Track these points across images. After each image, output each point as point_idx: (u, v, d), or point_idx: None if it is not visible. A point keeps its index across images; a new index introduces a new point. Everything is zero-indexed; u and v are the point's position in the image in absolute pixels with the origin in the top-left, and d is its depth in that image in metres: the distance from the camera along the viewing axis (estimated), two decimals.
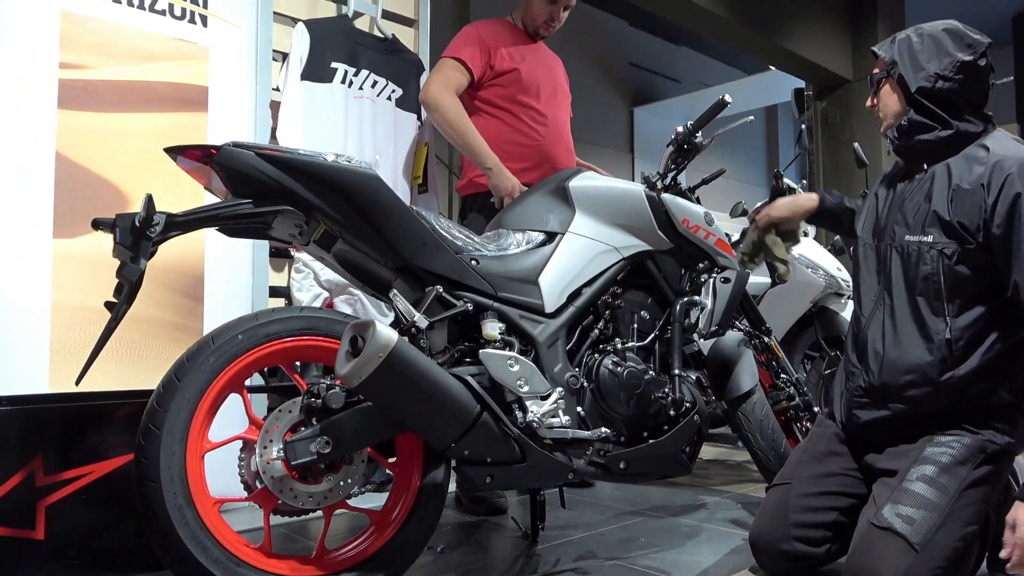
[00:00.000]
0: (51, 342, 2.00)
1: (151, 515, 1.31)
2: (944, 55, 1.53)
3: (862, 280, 1.69)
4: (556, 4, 2.57)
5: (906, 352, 1.53)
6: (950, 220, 1.49)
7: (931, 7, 9.21)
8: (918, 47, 1.56)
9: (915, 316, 1.53)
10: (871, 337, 1.61)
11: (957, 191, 1.49)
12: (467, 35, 2.52)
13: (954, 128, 1.53)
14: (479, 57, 2.46)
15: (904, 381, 1.52)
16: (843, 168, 7.00)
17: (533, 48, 2.61)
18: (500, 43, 2.50)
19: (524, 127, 2.49)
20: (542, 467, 1.60)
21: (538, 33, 2.63)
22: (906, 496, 1.44)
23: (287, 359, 1.52)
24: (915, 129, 1.56)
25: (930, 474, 1.45)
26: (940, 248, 1.49)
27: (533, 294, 1.71)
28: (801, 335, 2.93)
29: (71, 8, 2.14)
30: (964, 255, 1.48)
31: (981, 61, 1.55)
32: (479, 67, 2.46)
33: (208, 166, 1.45)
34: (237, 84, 2.44)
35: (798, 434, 2.17)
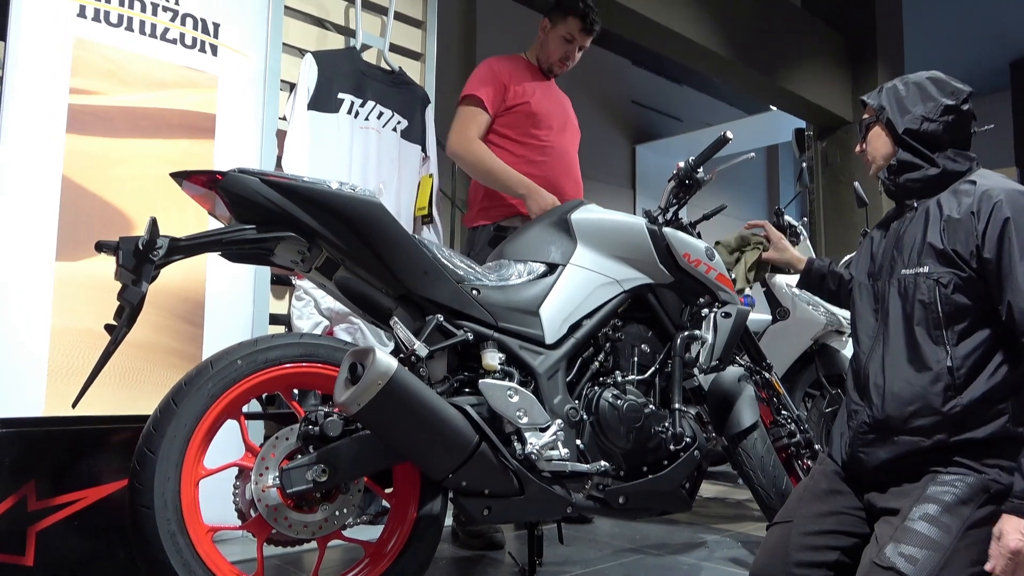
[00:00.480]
0: (49, 365, 1.99)
1: (143, 541, 1.30)
2: (928, 100, 1.61)
3: (860, 319, 1.70)
4: (572, 44, 2.66)
5: (908, 383, 1.53)
6: (944, 248, 1.52)
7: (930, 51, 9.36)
8: (904, 93, 1.65)
9: (915, 347, 1.54)
10: (872, 372, 1.60)
11: (949, 221, 1.53)
12: (482, 73, 2.61)
13: (940, 167, 1.60)
14: (494, 94, 2.55)
15: (908, 412, 1.52)
16: (843, 207, 7.04)
17: (545, 84, 2.69)
18: (514, 78, 2.59)
19: (534, 158, 2.55)
20: (540, 500, 1.59)
21: (552, 71, 2.72)
22: (909, 535, 1.42)
23: (286, 386, 1.51)
24: (904, 168, 1.63)
25: (933, 513, 1.43)
26: (936, 278, 1.52)
27: (534, 325, 1.71)
28: (802, 372, 2.92)
29: (85, 35, 2.17)
30: (960, 283, 1.50)
31: (964, 106, 1.61)
32: (495, 104, 2.56)
33: (213, 191, 1.46)
34: (245, 112, 2.47)
35: (799, 472, 2.14)
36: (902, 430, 1.53)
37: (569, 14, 2.64)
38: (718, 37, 5.97)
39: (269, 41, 2.54)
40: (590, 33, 2.68)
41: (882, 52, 7.29)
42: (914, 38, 8.18)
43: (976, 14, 9.00)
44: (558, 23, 2.66)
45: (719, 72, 6.48)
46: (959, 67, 10.36)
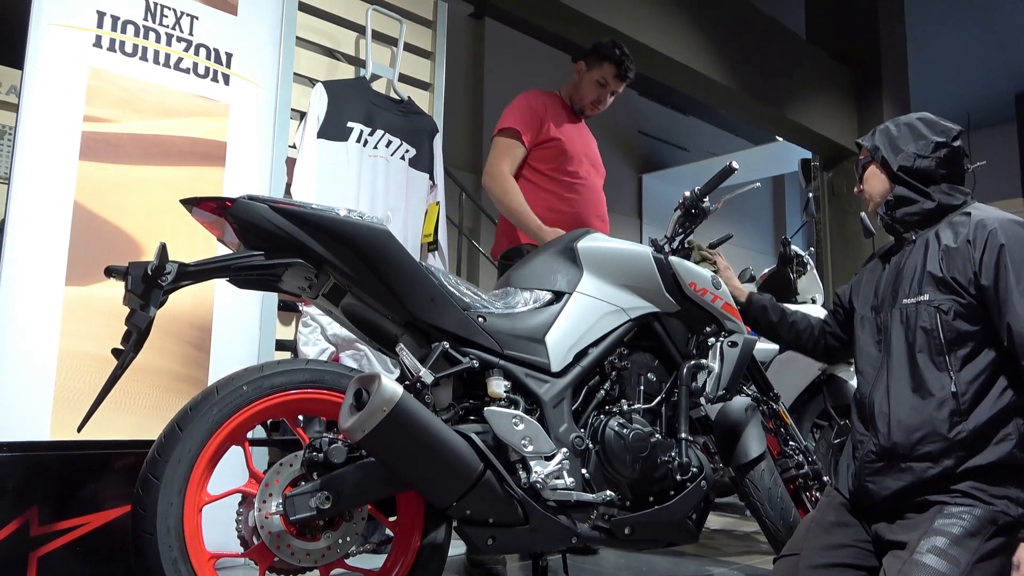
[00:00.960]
0: (55, 389, 2.00)
1: (145, 568, 1.29)
2: (920, 138, 1.69)
3: (862, 351, 1.71)
4: (605, 89, 2.75)
5: (914, 410, 1.53)
6: (943, 276, 1.55)
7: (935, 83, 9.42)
8: (896, 134, 1.72)
9: (919, 374, 1.55)
10: (877, 400, 1.60)
11: (947, 251, 1.57)
12: (520, 105, 2.69)
13: (936, 200, 1.65)
14: (530, 127, 2.64)
15: (915, 439, 1.51)
16: (850, 237, 7.04)
17: (577, 124, 2.79)
18: (549, 114, 2.67)
19: (564, 195, 2.63)
20: (545, 530, 1.57)
21: (583, 112, 2.81)
22: (917, 569, 1.40)
23: (291, 412, 1.51)
24: (900, 203, 1.69)
25: (941, 546, 1.41)
26: (936, 304, 1.55)
27: (539, 353, 1.70)
28: (810, 403, 2.90)
29: (100, 65, 2.21)
30: (961, 309, 1.53)
31: (955, 142, 1.68)
32: (530, 137, 2.64)
33: (223, 218, 1.47)
34: (255, 141, 2.50)
35: (807, 504, 2.11)
36: (909, 457, 1.52)
37: (605, 60, 2.72)
38: (724, 69, 6.03)
39: (280, 71, 2.58)
40: (624, 80, 2.75)
41: (887, 83, 7.34)
42: (919, 70, 8.24)
43: (981, 46, 9.07)
44: (593, 67, 2.74)
45: (725, 103, 6.53)
46: (964, 99, 10.42)
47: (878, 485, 1.56)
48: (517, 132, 2.61)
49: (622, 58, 2.72)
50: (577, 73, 2.79)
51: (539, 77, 7.71)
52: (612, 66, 2.72)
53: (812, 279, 3.14)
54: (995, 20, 8.51)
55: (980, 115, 10.52)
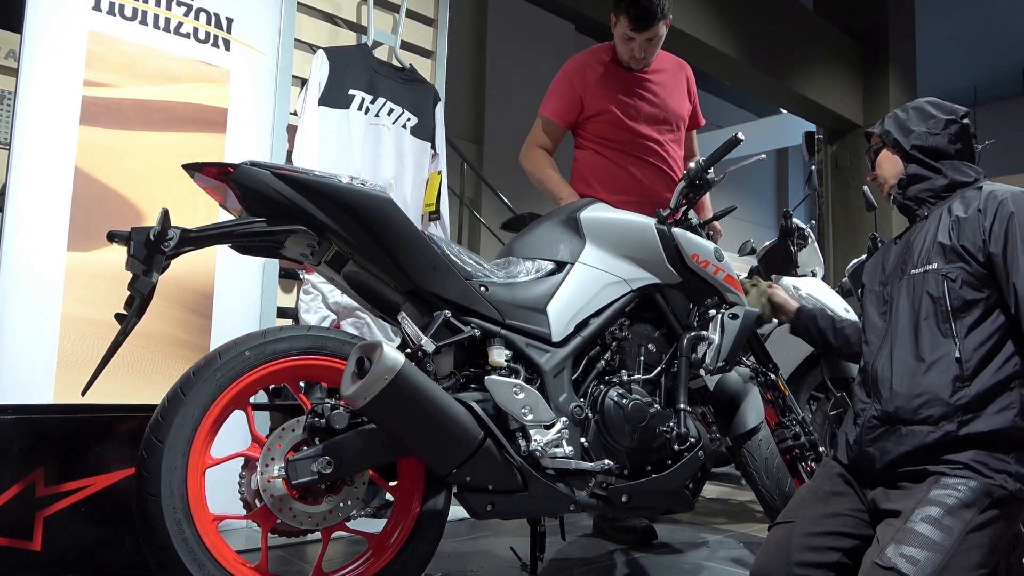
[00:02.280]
0: (59, 353, 2.01)
1: (149, 529, 1.31)
2: (929, 118, 1.72)
3: (868, 323, 1.73)
4: (633, 42, 2.45)
5: (916, 374, 1.55)
6: (952, 244, 1.58)
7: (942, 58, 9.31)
8: (904, 117, 1.76)
9: (923, 340, 1.57)
10: (879, 367, 1.62)
11: (957, 220, 1.60)
12: (558, 83, 2.56)
13: (948, 177, 1.68)
14: (565, 108, 2.54)
15: (917, 403, 1.53)
16: (852, 210, 7.02)
17: (630, 79, 2.54)
18: (589, 83, 2.51)
19: (621, 160, 2.53)
20: (544, 497, 1.59)
21: (631, 68, 2.55)
22: (910, 536, 1.42)
23: (293, 378, 1.52)
24: (913, 180, 1.72)
25: (935, 515, 1.43)
26: (944, 272, 1.57)
27: (541, 322, 1.71)
28: (807, 375, 2.91)
29: (100, 29, 2.19)
30: (968, 277, 1.55)
31: (964, 120, 1.71)
32: (568, 117, 2.55)
33: (224, 184, 1.47)
34: (256, 107, 2.49)
35: (803, 474, 2.14)
36: (911, 421, 1.54)
37: (621, 13, 2.42)
38: (730, 40, 5.96)
39: (281, 37, 2.56)
40: (644, 29, 2.41)
41: (894, 57, 7.27)
42: (926, 44, 8.15)
43: (989, 21, 8.95)
44: (616, 22, 2.47)
45: (731, 75, 6.48)
46: (971, 73, 10.32)
47: (879, 451, 1.58)
48: (549, 119, 2.56)
49: (629, 5, 2.38)
50: (613, 27, 2.50)
51: (542, 45, 7.65)
52: (626, 19, 2.40)
53: (813, 252, 3.13)
54: None
55: (987, 89, 10.43)
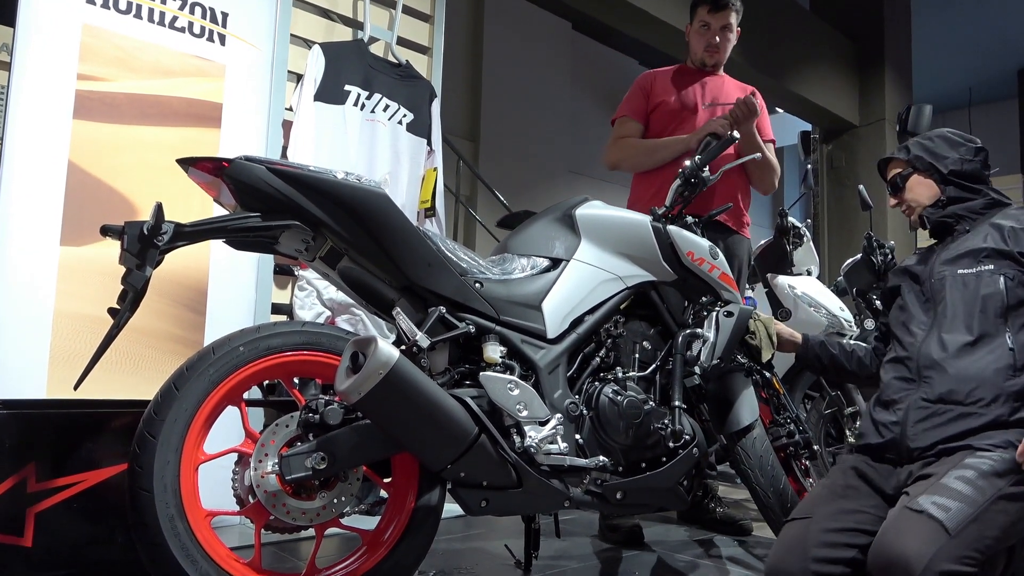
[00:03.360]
0: (51, 348, 2.00)
1: (141, 524, 1.30)
2: (959, 146, 1.84)
3: (910, 316, 1.78)
4: (710, 31, 2.67)
5: (970, 361, 1.61)
6: (1009, 250, 1.67)
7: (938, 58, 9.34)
8: (932, 145, 1.86)
9: (977, 332, 1.64)
10: (928, 354, 1.67)
11: (1012, 230, 1.69)
12: (630, 91, 2.74)
13: (989, 197, 1.80)
14: (640, 105, 2.68)
15: (970, 388, 1.59)
16: (847, 210, 7.03)
17: (697, 80, 2.70)
18: (657, 83, 2.69)
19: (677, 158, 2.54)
20: (538, 494, 1.59)
21: (705, 64, 2.72)
22: (943, 489, 1.46)
23: (287, 374, 1.52)
24: (954, 201, 1.81)
25: (969, 476, 1.47)
26: (1002, 272, 1.66)
27: (536, 319, 1.71)
28: (802, 373, 2.92)
29: (94, 22, 2.17)
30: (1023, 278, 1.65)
31: (982, 152, 1.84)
32: (642, 112, 2.68)
33: (219, 179, 1.46)
34: (251, 102, 2.48)
35: (797, 472, 2.14)
36: (962, 403, 1.59)
37: (697, 6, 2.68)
38: None
39: (277, 32, 2.55)
40: (721, 8, 2.65)
41: (890, 57, 7.28)
42: (922, 46, 8.16)
43: (984, 22, 8.97)
44: (692, 19, 2.72)
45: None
46: (966, 74, 10.34)
47: (925, 430, 1.61)
48: (626, 116, 2.67)
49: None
50: (687, 35, 2.77)
51: (539, 43, 7.64)
52: (704, 5, 2.65)
53: (808, 251, 3.14)
54: None
55: (981, 91, 10.45)
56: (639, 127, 2.68)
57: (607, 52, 8.68)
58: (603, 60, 8.62)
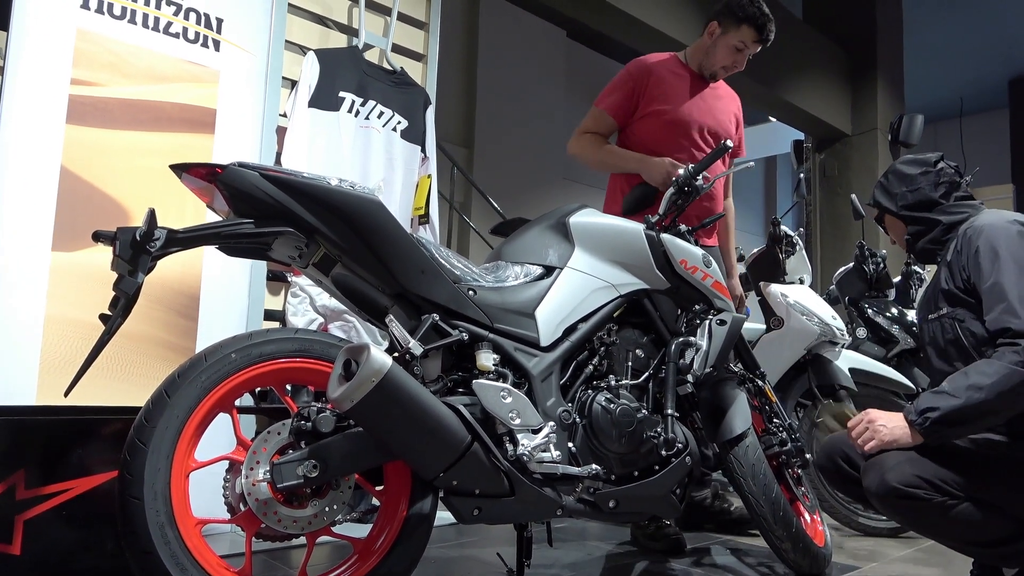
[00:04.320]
0: (41, 354, 1.99)
1: (131, 532, 1.29)
2: (904, 176, 1.88)
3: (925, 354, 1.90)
4: (741, 53, 2.53)
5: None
6: (949, 289, 1.72)
7: (929, 68, 9.40)
8: (886, 183, 1.92)
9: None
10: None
11: (949, 264, 1.75)
12: (619, 79, 2.58)
13: (943, 221, 1.81)
14: (621, 100, 2.54)
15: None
16: (840, 219, 7.07)
17: (696, 89, 2.56)
18: (653, 83, 2.51)
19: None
20: (531, 502, 1.58)
21: (715, 77, 2.59)
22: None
23: (279, 381, 1.51)
24: (917, 236, 1.86)
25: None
26: (952, 315, 1.71)
27: (529, 327, 1.71)
28: (794, 382, 2.92)
29: (88, 27, 2.17)
30: (972, 314, 1.68)
31: (938, 166, 1.86)
32: (623, 112, 2.54)
33: (212, 185, 1.46)
34: (245, 108, 2.47)
35: (789, 480, 2.15)
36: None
37: (744, 23, 2.48)
38: None
39: (272, 38, 2.55)
40: (764, 44, 2.54)
41: (882, 67, 7.34)
42: (914, 55, 8.23)
43: (976, 32, 9.05)
44: (730, 30, 2.50)
45: None
46: (957, 84, 10.41)
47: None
48: (604, 112, 2.54)
49: (764, 20, 2.47)
50: (709, 35, 2.54)
51: (533, 51, 7.66)
52: (752, 30, 2.48)
53: (801, 260, 3.15)
54: (989, 7, 8.48)
55: (973, 101, 10.53)
56: (612, 125, 2.56)
57: (601, 60, 8.71)
58: (597, 68, 8.65)
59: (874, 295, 3.58)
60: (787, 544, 1.97)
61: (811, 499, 2.24)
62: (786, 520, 1.96)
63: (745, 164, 2.19)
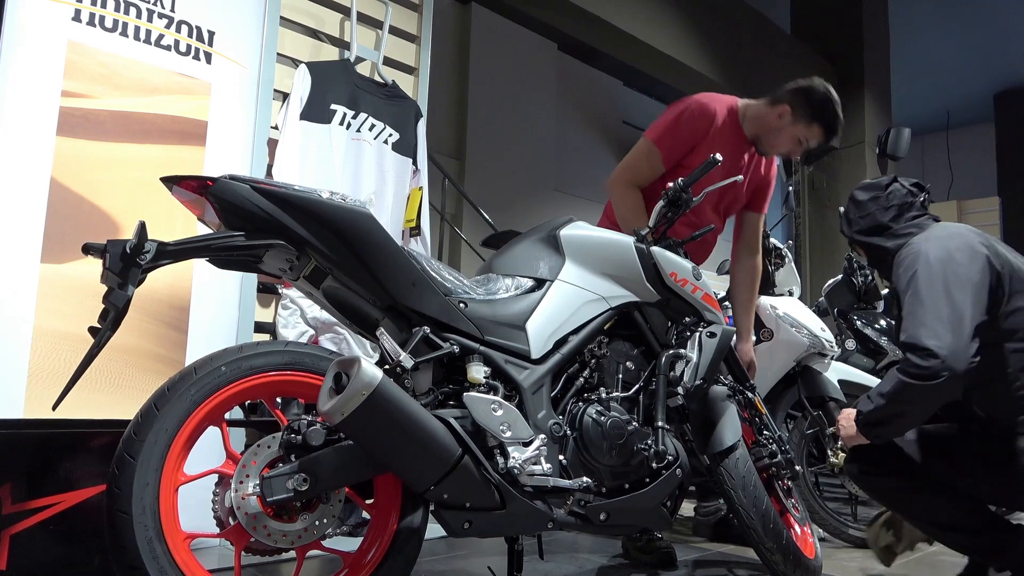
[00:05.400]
0: (30, 367, 1.98)
1: (119, 547, 1.28)
2: (858, 203, 1.97)
3: None
4: (802, 146, 2.45)
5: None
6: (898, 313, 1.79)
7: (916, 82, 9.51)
8: (846, 210, 2.02)
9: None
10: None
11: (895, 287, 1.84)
12: (682, 119, 2.40)
13: (889, 247, 1.88)
14: (678, 146, 2.39)
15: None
16: (829, 231, 7.12)
17: (741, 156, 2.47)
18: (711, 138, 2.38)
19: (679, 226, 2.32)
20: (522, 515, 1.58)
21: (766, 154, 2.52)
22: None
23: (270, 394, 1.51)
24: (873, 262, 1.96)
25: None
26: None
27: (520, 339, 1.71)
28: (784, 394, 2.94)
29: (79, 39, 2.17)
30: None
31: (888, 189, 1.93)
32: (675, 157, 2.40)
33: (203, 197, 1.46)
34: (236, 121, 2.48)
35: (779, 492, 2.15)
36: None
37: (815, 122, 2.40)
38: (709, 61, 6.05)
39: (263, 50, 2.55)
40: (828, 142, 2.47)
41: (869, 81, 7.41)
42: (901, 68, 8.32)
43: (962, 46, 9.17)
44: (801, 123, 2.41)
45: None
46: (944, 98, 10.52)
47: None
48: (658, 151, 2.39)
49: (836, 127, 2.41)
50: (778, 116, 2.42)
51: (524, 64, 7.69)
52: (823, 132, 2.42)
53: (790, 272, 3.17)
54: (975, 22, 8.60)
55: (959, 114, 10.65)
56: (662, 171, 2.41)
57: (592, 73, 8.75)
58: (588, 81, 8.69)
59: (863, 307, 3.60)
60: (778, 556, 1.97)
61: (801, 511, 2.25)
62: (776, 532, 1.97)
63: (733, 178, 2.20)
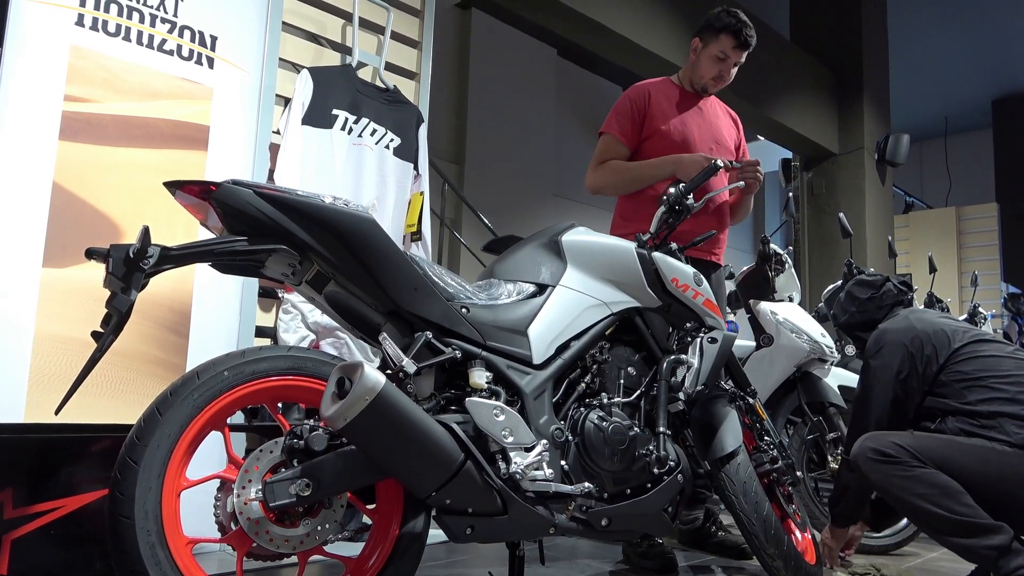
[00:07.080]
0: (31, 371, 1.97)
1: (121, 552, 1.28)
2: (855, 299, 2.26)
3: None
4: (725, 62, 2.62)
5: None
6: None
7: (914, 87, 9.54)
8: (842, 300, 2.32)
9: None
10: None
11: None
12: (621, 105, 2.64)
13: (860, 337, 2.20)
14: (629, 126, 2.60)
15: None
16: (828, 237, 7.12)
17: (692, 104, 2.66)
18: (652, 105, 2.60)
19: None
20: (524, 520, 1.58)
21: (706, 90, 2.68)
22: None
23: (272, 399, 1.51)
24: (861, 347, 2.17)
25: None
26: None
27: (522, 344, 1.71)
28: (785, 399, 2.94)
29: (82, 44, 2.18)
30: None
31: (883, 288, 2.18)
32: (631, 135, 2.60)
33: (206, 202, 1.46)
34: (238, 125, 2.48)
35: (780, 498, 2.15)
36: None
37: (721, 32, 2.59)
38: None
39: (266, 56, 2.56)
40: (745, 48, 2.62)
41: (868, 87, 7.42)
42: (900, 75, 8.34)
43: (960, 53, 9.20)
44: (710, 42, 2.62)
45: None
46: (942, 104, 10.55)
47: None
48: (616, 138, 2.59)
49: (739, 25, 2.56)
50: (693, 52, 2.66)
51: (524, 69, 7.71)
52: (730, 37, 2.58)
53: (790, 278, 3.17)
54: (973, 29, 8.63)
55: (957, 121, 10.68)
56: (626, 151, 2.61)
57: (591, 78, 8.77)
58: (587, 86, 8.71)
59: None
60: (779, 562, 1.97)
61: (802, 517, 2.25)
62: (777, 538, 1.97)
63: (734, 184, 2.21)
